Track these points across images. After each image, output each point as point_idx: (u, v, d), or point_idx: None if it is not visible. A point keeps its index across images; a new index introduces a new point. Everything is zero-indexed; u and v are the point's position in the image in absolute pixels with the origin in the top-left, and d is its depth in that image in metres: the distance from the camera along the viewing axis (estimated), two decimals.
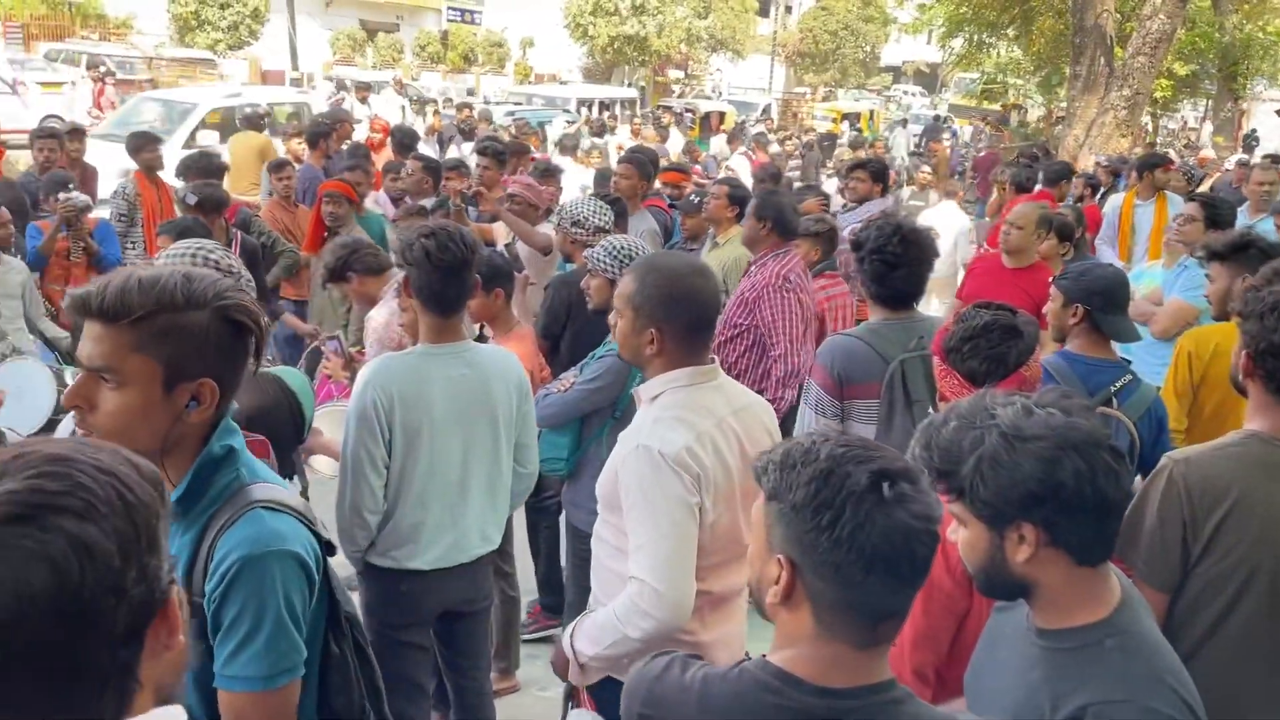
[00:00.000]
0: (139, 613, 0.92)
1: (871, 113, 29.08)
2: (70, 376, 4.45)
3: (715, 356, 2.53)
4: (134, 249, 6.35)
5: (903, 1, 27.71)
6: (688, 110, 23.45)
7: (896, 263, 3.18)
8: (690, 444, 2.28)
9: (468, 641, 3.20)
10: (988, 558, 1.61)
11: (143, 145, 6.97)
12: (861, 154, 12.02)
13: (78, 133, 7.53)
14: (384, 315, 4.04)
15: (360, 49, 38.90)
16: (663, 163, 9.28)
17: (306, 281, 6.44)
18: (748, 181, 8.15)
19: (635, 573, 2.26)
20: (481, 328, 4.18)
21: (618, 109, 23.13)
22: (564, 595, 4.55)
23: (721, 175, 9.94)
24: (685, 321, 2.37)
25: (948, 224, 7.58)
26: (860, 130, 23.21)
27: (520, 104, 21.51)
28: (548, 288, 4.53)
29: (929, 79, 52.31)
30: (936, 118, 25.63)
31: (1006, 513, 1.56)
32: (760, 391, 3.85)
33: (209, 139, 11.32)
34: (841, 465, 1.31)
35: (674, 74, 43.08)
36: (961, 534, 1.64)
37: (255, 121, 10.29)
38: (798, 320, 4.57)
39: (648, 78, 41.00)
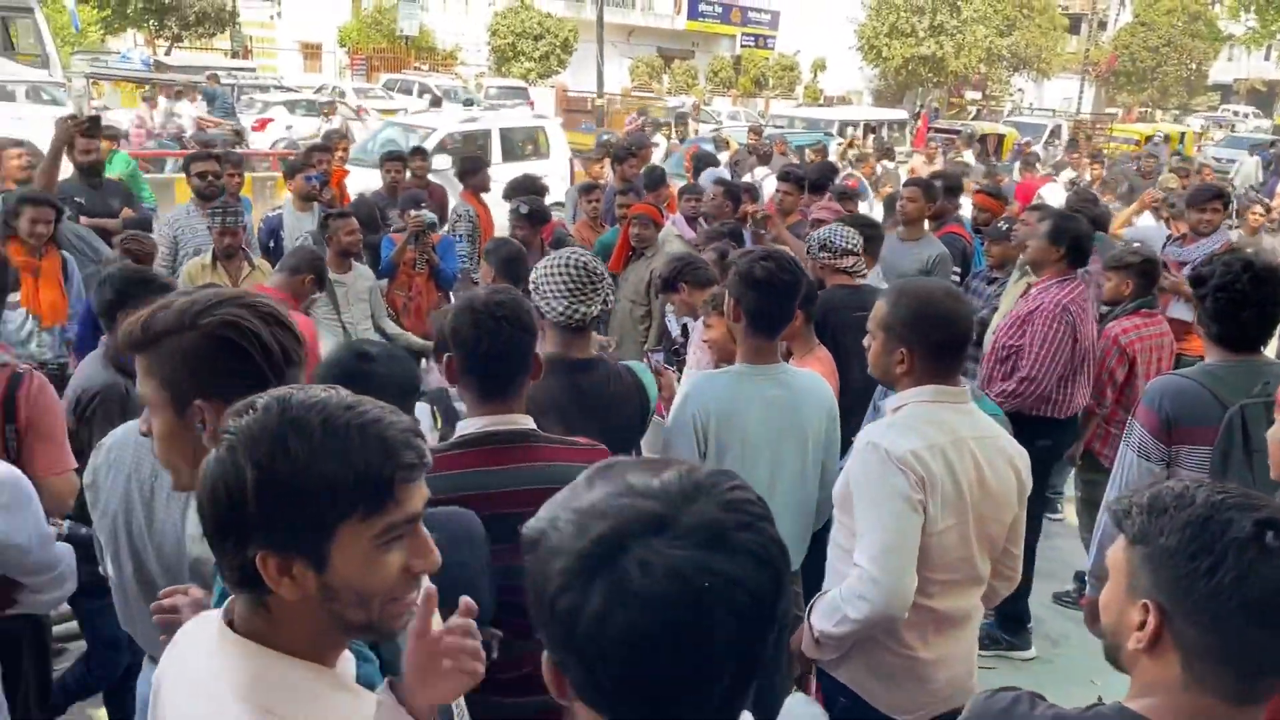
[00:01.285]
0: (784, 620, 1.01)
1: (1181, 135, 26.32)
2: None
3: (975, 381, 2.53)
4: (468, 263, 6.98)
5: (1238, 13, 25.07)
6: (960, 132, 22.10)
7: (1244, 301, 2.95)
8: (918, 448, 2.37)
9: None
10: None
11: (473, 169, 7.67)
12: (1187, 182, 10.91)
13: (419, 153, 8.37)
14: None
15: (657, 75, 40.46)
16: (970, 185, 9.01)
17: None
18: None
19: (857, 559, 2.40)
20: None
21: (885, 131, 22.32)
22: None
23: (1034, 203, 9.41)
24: (935, 343, 2.45)
25: None
26: (1183, 154, 21.14)
27: (781, 127, 21.18)
28: None
29: (1264, 98, 47.25)
30: (1273, 143, 22.66)
31: None
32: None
33: (442, 162, 11.55)
34: (1221, 511, 1.27)
35: (970, 95, 41.53)
36: None
37: (617, 148, 10.98)
38: (1064, 352, 4.45)
39: (941, 99, 39.79)
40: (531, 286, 2.99)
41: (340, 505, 1.14)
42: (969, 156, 17.18)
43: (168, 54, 29.88)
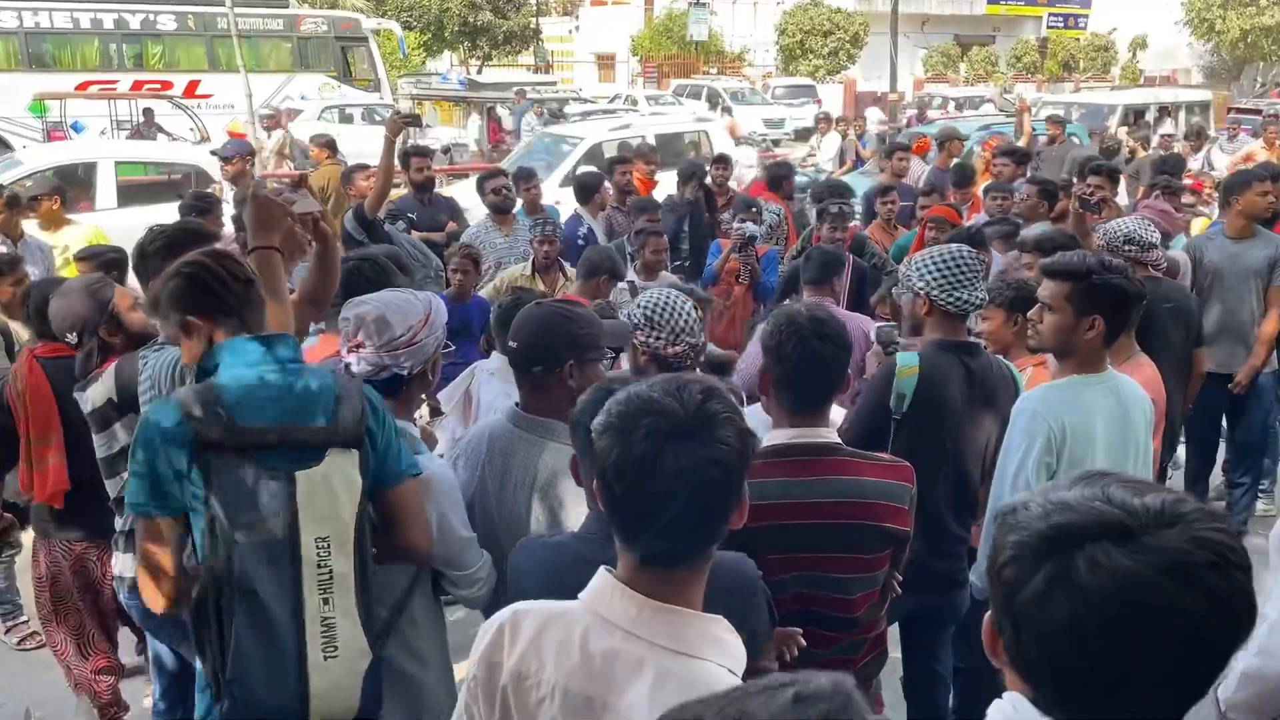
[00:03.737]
0: None
1: None
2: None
3: None
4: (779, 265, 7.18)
5: None
6: (1262, 113, 18.43)
7: None
8: None
9: None
10: None
11: (786, 174, 7.99)
12: None
13: (722, 161, 8.63)
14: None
15: (953, 65, 39.01)
16: None
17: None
18: None
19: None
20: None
21: (1184, 115, 18.97)
22: None
23: None
24: None
25: None
26: None
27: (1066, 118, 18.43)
28: None
29: None
30: None
31: None
32: None
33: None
34: None
35: None
36: None
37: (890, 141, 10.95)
38: None
39: None
40: (903, 276, 3.26)
41: None
42: None
43: (479, 72, 32.45)
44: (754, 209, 6.84)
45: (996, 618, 1.08)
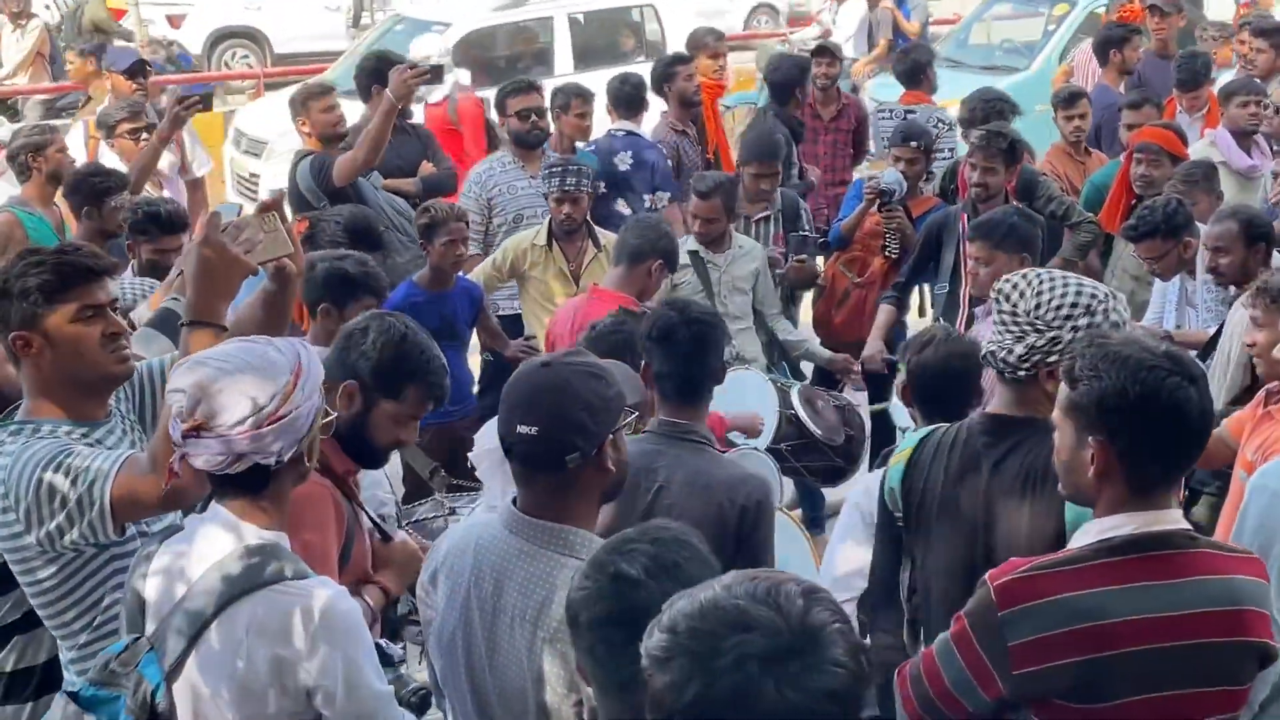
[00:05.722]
0: None
1: None
2: (796, 394, 4.90)
3: None
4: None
5: None
6: None
7: None
8: None
9: None
10: None
11: (922, 63, 7.82)
12: None
13: (825, 53, 7.93)
14: None
15: None
16: None
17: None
18: None
19: None
20: None
21: None
22: None
23: None
24: None
25: None
26: None
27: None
28: None
29: None
30: None
31: None
32: None
33: (463, 78, 9.02)
34: None
35: None
36: None
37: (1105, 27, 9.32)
38: None
39: None
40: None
41: None
42: None
43: None
44: (916, 143, 6.19)
45: None
